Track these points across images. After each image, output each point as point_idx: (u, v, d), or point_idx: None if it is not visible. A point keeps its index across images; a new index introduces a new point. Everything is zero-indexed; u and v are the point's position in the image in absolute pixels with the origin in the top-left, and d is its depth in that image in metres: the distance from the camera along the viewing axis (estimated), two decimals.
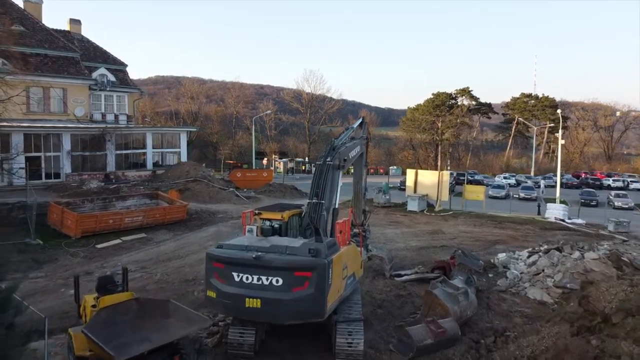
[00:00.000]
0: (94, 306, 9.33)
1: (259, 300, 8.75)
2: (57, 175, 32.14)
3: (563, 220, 29.35)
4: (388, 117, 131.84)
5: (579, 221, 29.65)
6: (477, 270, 14.42)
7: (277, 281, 8.75)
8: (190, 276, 15.64)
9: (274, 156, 76.38)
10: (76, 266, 17.37)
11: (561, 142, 34.86)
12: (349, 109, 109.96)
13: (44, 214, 21.67)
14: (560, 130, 35.27)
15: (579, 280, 14.34)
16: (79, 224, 20.12)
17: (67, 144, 32.34)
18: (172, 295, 14.06)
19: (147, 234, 21.66)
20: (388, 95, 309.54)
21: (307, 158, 78.50)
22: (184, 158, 40.20)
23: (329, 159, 10.81)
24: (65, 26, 45.18)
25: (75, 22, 45.74)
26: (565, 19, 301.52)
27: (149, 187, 30.29)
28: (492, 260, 17.45)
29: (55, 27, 43.02)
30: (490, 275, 16.11)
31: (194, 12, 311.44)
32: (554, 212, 30.87)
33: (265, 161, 74.56)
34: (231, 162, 69.36)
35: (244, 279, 8.92)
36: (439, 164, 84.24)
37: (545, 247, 16.63)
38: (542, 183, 49.20)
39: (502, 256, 17.42)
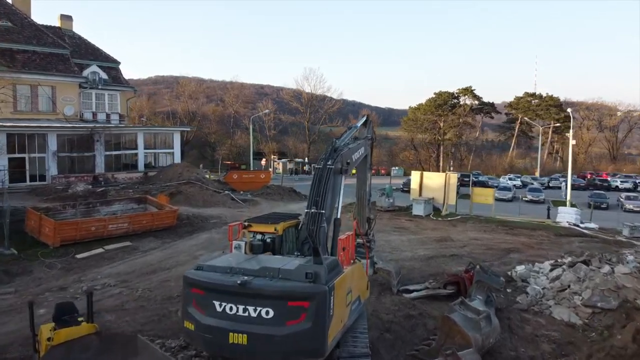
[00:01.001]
0: (49, 339, 7.81)
1: (245, 335, 7.12)
2: (43, 178, 30.48)
3: (577, 225, 27.75)
4: (388, 117, 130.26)
5: (592, 225, 28.08)
6: (498, 289, 12.84)
7: (268, 313, 7.13)
8: (175, 292, 14.00)
9: (272, 156, 74.73)
10: (51, 279, 15.78)
11: (572, 142, 33.26)
12: (349, 109, 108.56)
13: (22, 221, 20.10)
14: (571, 130, 33.72)
15: (610, 298, 12.82)
16: (57, 232, 18.46)
17: (52, 145, 30.66)
18: (153, 316, 12.51)
19: (132, 242, 20.03)
20: (388, 95, 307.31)
21: (306, 158, 76.75)
22: (177, 159, 38.55)
23: (329, 162, 9.31)
24: (57, 22, 43.67)
25: (66, 18, 44.15)
26: (565, 19, 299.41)
27: (139, 190, 28.66)
28: (509, 273, 15.82)
29: (49, 24, 41.66)
30: (508, 290, 14.48)
31: (194, 12, 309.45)
32: (566, 216, 29.26)
33: (263, 162, 73.00)
34: (229, 162, 67.82)
35: (227, 310, 7.28)
36: (440, 164, 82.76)
37: (570, 259, 15.02)
38: (563, 184, 46.60)
39: (520, 269, 15.78)
